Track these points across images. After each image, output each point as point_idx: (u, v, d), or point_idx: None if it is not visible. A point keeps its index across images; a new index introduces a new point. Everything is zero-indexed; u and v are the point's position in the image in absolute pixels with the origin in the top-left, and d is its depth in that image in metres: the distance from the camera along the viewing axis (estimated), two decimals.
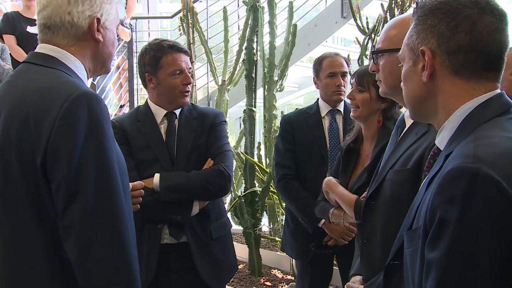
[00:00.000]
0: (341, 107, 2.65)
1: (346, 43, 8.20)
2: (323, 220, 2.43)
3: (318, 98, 2.72)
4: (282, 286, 3.91)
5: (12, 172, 1.18)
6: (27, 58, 1.34)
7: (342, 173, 2.06)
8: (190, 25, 4.72)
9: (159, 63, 2.06)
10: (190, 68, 2.14)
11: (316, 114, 2.65)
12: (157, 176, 2.01)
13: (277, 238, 4.41)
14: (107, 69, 1.46)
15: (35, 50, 1.33)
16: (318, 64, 2.63)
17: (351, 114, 2.02)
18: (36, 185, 1.17)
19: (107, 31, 1.35)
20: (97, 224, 1.17)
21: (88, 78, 1.39)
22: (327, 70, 2.58)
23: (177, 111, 2.16)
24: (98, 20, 1.32)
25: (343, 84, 2.58)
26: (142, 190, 1.81)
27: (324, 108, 2.65)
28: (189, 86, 2.11)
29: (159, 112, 2.14)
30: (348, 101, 2.16)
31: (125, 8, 5.31)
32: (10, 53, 4.28)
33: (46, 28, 1.30)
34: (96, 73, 1.45)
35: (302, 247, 2.63)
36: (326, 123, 2.63)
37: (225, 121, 2.27)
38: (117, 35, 1.45)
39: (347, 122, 2.58)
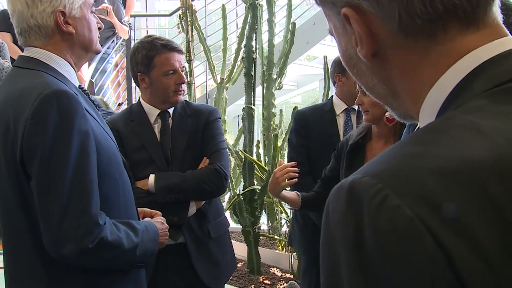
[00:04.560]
0: (355, 105, 2.64)
1: None
2: None
3: (332, 96, 2.70)
4: (281, 284, 3.88)
5: (2, 173, 1.23)
6: (15, 62, 1.37)
7: (348, 170, 2.00)
8: (189, 23, 4.69)
9: (152, 62, 2.01)
10: (184, 66, 2.09)
11: (331, 111, 2.64)
12: (152, 177, 1.97)
13: (276, 237, 4.38)
14: (94, 52, 1.45)
15: (22, 53, 1.35)
16: None
17: (364, 119, 1.97)
18: (20, 183, 1.21)
19: (77, 19, 1.34)
20: (70, 218, 1.18)
21: (77, 71, 1.40)
22: None
23: (171, 110, 2.12)
24: (63, 13, 1.30)
25: None
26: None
27: (339, 106, 2.64)
28: (182, 85, 2.07)
29: (152, 112, 2.10)
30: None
31: (124, 7, 5.29)
32: None
33: (20, 35, 1.32)
34: (83, 60, 1.45)
35: (310, 242, 2.61)
36: (340, 120, 2.63)
37: (220, 118, 2.22)
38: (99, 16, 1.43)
39: (360, 121, 2.59)
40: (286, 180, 2.07)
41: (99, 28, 1.42)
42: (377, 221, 0.41)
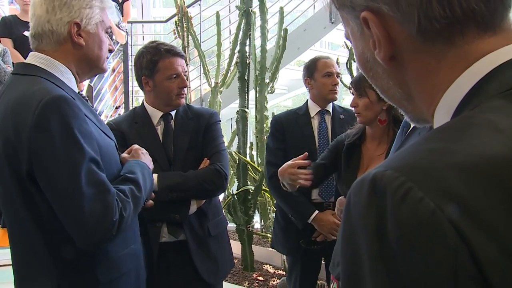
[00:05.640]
0: (329, 107, 2.67)
1: (333, 47, 8.19)
2: (312, 216, 2.46)
3: (307, 100, 2.73)
4: (273, 281, 3.89)
5: (7, 181, 1.24)
6: (13, 69, 1.37)
7: (347, 169, 2.03)
8: (185, 29, 4.70)
9: (156, 67, 2.03)
10: (186, 71, 2.11)
11: (305, 115, 2.66)
12: (155, 176, 1.98)
13: (268, 235, 4.39)
14: (100, 70, 1.47)
15: (22, 61, 1.37)
16: (313, 65, 2.63)
17: (358, 120, 1.99)
18: (25, 187, 1.22)
19: (90, 34, 1.35)
20: (94, 215, 1.20)
21: (79, 81, 1.41)
22: (324, 70, 2.59)
23: (173, 112, 2.13)
24: (78, 25, 1.32)
25: (338, 84, 2.61)
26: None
27: (313, 109, 2.66)
28: (184, 89, 2.08)
29: (155, 114, 2.11)
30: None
31: (122, 14, 5.28)
32: None
33: (33, 38, 1.34)
34: (86, 75, 1.46)
35: (292, 243, 2.63)
36: (315, 123, 2.65)
37: (220, 121, 2.24)
38: (112, 39, 1.44)
39: (335, 122, 2.61)
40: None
41: (110, 51, 1.44)
42: (400, 212, 0.41)
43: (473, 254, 0.38)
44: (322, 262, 2.79)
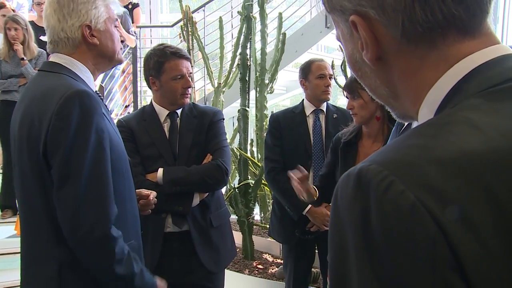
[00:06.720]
0: (323, 107, 2.67)
1: (329, 51, 8.16)
2: (307, 208, 2.47)
3: (303, 99, 2.73)
4: (272, 269, 3.89)
5: (25, 163, 1.26)
6: (41, 67, 1.40)
7: (344, 165, 2.02)
8: (190, 33, 4.69)
9: (162, 68, 2.03)
10: (191, 72, 2.11)
11: (301, 113, 2.67)
12: (160, 171, 1.99)
13: (267, 226, 4.39)
14: (117, 61, 1.48)
15: (49, 59, 1.39)
16: (307, 67, 2.64)
17: (355, 121, 1.98)
18: (41, 173, 1.24)
19: (101, 32, 1.38)
20: (86, 204, 1.20)
21: (96, 77, 1.43)
22: (317, 72, 2.59)
23: (179, 111, 2.13)
24: (89, 26, 1.35)
25: (330, 85, 2.60)
26: (154, 199, 1.71)
27: (308, 108, 2.67)
28: (189, 89, 2.08)
29: (162, 112, 2.11)
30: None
31: (132, 20, 5.28)
32: None
33: (51, 44, 1.37)
34: (106, 68, 1.48)
35: (288, 232, 2.65)
36: (310, 121, 2.65)
37: (223, 119, 2.24)
38: (121, 37, 1.46)
39: (329, 121, 2.62)
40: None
41: (122, 41, 1.45)
42: (382, 204, 0.41)
43: (451, 244, 0.38)
44: (316, 251, 2.80)
